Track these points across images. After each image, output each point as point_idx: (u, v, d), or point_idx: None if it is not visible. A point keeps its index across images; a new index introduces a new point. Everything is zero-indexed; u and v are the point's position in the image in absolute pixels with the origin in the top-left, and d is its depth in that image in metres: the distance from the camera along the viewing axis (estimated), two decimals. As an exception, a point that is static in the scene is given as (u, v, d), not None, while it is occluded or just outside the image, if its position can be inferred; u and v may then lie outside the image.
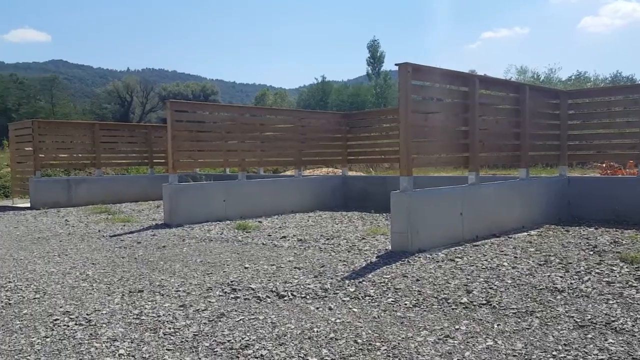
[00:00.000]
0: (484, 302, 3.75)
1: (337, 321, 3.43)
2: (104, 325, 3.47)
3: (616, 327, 3.21)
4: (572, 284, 4.15)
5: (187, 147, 9.02)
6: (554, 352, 2.86)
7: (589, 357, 2.80)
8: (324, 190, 10.41)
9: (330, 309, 3.69)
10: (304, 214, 9.09)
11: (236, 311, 3.69)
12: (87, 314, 3.68)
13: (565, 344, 2.97)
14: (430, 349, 2.96)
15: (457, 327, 3.30)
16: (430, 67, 5.97)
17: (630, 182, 7.87)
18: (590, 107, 8.76)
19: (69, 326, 3.46)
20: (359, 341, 3.09)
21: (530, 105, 7.42)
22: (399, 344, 3.04)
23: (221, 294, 4.11)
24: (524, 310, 3.56)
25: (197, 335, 3.25)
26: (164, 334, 3.28)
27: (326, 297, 3.97)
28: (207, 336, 3.23)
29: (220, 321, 3.49)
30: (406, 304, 3.75)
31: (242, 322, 3.47)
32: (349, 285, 4.24)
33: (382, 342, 3.08)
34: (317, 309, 3.70)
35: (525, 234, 6.52)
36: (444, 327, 3.30)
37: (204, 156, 9.85)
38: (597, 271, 4.53)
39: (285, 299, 3.95)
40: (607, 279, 4.26)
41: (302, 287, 4.23)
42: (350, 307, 3.73)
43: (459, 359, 2.81)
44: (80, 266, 5.24)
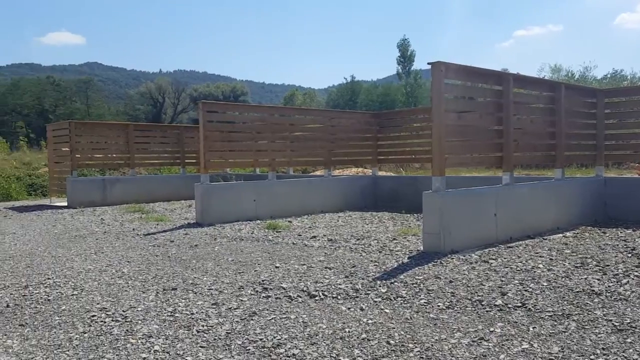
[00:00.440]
0: (519, 304, 3.68)
1: (369, 322, 3.42)
2: (140, 321, 3.53)
3: (658, 332, 3.11)
4: (609, 286, 4.04)
5: (218, 148, 9.11)
6: (592, 357, 2.79)
7: (630, 362, 2.72)
8: (354, 190, 10.39)
9: (361, 309, 3.68)
10: (334, 214, 9.09)
11: (268, 310, 3.71)
12: (123, 311, 3.76)
13: (603, 348, 2.90)
14: (464, 351, 2.92)
15: (491, 329, 3.25)
16: (463, 66, 5.90)
17: (670, 183, 7.62)
18: (627, 106, 8.51)
19: (105, 322, 3.53)
20: (392, 342, 3.07)
21: (565, 104, 7.26)
22: (432, 345, 3.01)
23: (253, 293, 4.14)
24: (560, 313, 3.49)
25: (229, 333, 3.28)
26: (198, 332, 3.32)
27: (357, 297, 3.96)
28: (240, 334, 3.26)
29: (252, 320, 3.51)
30: (439, 306, 3.71)
31: (273, 321, 3.48)
32: (380, 285, 4.22)
33: (415, 343, 3.05)
34: (349, 309, 3.69)
35: (560, 235, 6.38)
36: (478, 329, 3.26)
37: (235, 156, 9.93)
38: (635, 274, 4.39)
39: (316, 298, 3.96)
40: (647, 283, 4.14)
41: (333, 287, 4.23)
42: (382, 307, 3.71)
43: (493, 362, 2.77)
44: (116, 264, 5.36)
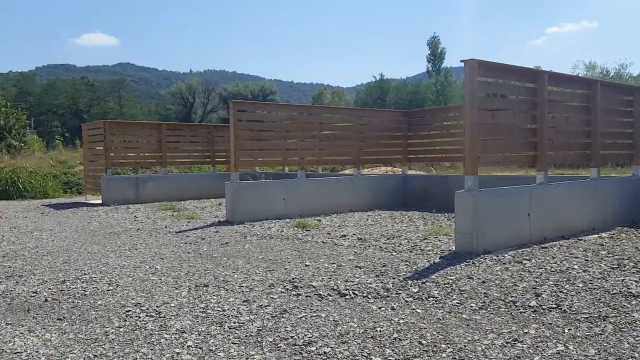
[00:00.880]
0: (554, 305, 3.61)
1: (401, 321, 3.40)
2: (173, 317, 3.59)
3: (701, 337, 3.01)
4: (649, 289, 3.93)
5: (248, 146, 9.19)
6: (632, 361, 2.72)
7: (672, 367, 2.64)
8: (383, 189, 10.34)
9: (392, 309, 3.66)
10: (363, 213, 9.07)
11: (298, 308, 3.72)
12: (157, 306, 3.82)
13: (643, 353, 2.82)
14: (497, 353, 2.88)
15: (525, 330, 3.19)
16: (496, 63, 5.81)
17: None
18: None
19: (140, 317, 3.60)
20: (424, 342, 3.04)
21: (601, 102, 7.08)
22: (465, 346, 2.98)
23: (283, 291, 4.16)
24: (596, 315, 3.41)
25: (261, 330, 3.31)
26: (229, 328, 3.36)
27: (388, 297, 3.94)
28: (271, 332, 3.28)
29: (283, 317, 3.53)
30: (472, 306, 3.67)
31: (304, 319, 3.50)
32: (411, 285, 4.19)
33: (447, 344, 3.02)
34: (380, 308, 3.68)
35: (596, 236, 6.23)
36: (512, 330, 3.21)
37: (264, 155, 9.99)
38: (677, 277, 4.26)
39: (346, 297, 3.95)
40: (689, 286, 4.01)
41: (363, 286, 4.22)
42: (413, 307, 3.69)
43: (528, 364, 2.73)
44: (149, 260, 5.45)
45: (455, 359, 2.82)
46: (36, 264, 5.41)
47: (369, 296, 3.96)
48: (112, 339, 3.22)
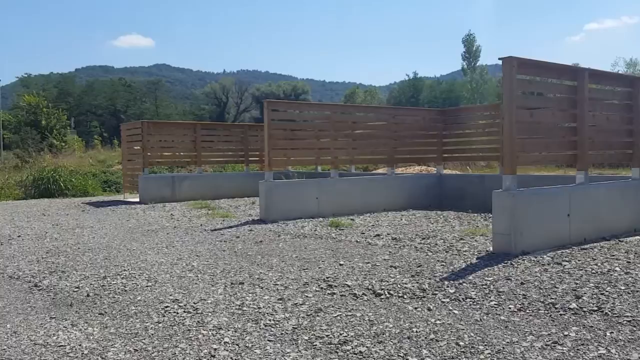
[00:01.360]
0: (595, 308, 3.53)
1: (437, 322, 3.37)
2: (210, 313, 3.64)
3: None
4: (697, 294, 3.79)
5: (281, 146, 9.23)
6: (680, 367, 2.63)
7: None
8: (418, 188, 10.25)
9: (429, 309, 3.63)
10: (397, 212, 9.01)
11: (333, 307, 3.73)
12: (194, 303, 3.88)
13: (692, 359, 2.72)
14: (537, 355, 2.82)
15: (565, 333, 3.12)
16: (536, 61, 5.69)
17: None
18: None
19: (178, 313, 3.67)
20: (461, 344, 3.01)
21: (645, 99, 6.85)
22: (503, 348, 2.93)
23: (318, 290, 4.17)
24: (639, 318, 3.30)
25: (296, 328, 3.33)
26: (265, 325, 3.39)
27: (424, 297, 3.91)
28: (306, 330, 3.29)
29: (318, 316, 3.54)
30: (510, 308, 3.60)
31: (339, 318, 3.50)
32: (448, 286, 4.15)
33: (485, 345, 2.98)
34: (416, 309, 3.65)
35: (638, 237, 6.05)
36: (552, 333, 3.14)
37: (297, 154, 10.02)
38: None
39: (382, 297, 3.94)
40: None
41: (398, 286, 4.19)
42: (450, 308, 3.65)
43: (570, 368, 2.67)
44: (186, 257, 5.55)
45: (493, 361, 2.78)
46: (78, 260, 5.57)
47: (405, 296, 3.94)
48: (152, 334, 3.29)
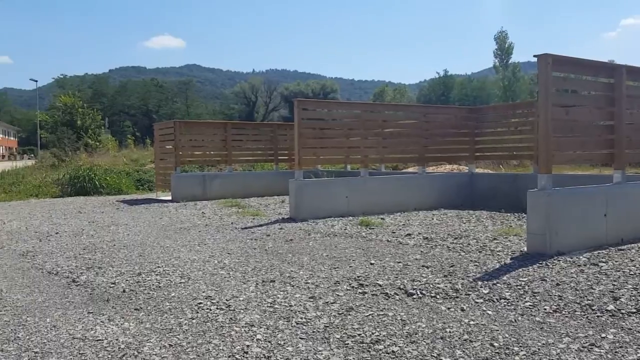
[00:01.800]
0: (634, 310, 3.43)
1: (471, 323, 3.32)
2: (242, 310, 3.67)
3: None
4: None
5: (311, 144, 9.24)
6: None
7: None
8: (449, 187, 10.13)
9: (462, 309, 3.59)
10: (428, 211, 8.92)
11: (364, 306, 3.71)
12: (226, 300, 3.93)
13: None
14: (574, 357, 2.76)
15: (603, 335, 3.05)
16: (571, 58, 5.56)
17: None
18: None
19: (211, 310, 3.71)
20: (495, 344, 2.96)
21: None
22: (539, 349, 2.88)
23: (349, 289, 4.16)
24: (682, 322, 3.21)
25: (327, 326, 3.33)
26: (297, 323, 3.40)
27: (457, 297, 3.86)
28: (338, 328, 3.29)
29: (349, 315, 3.54)
30: (545, 309, 3.53)
31: (371, 317, 3.49)
32: (481, 286, 4.09)
33: (520, 346, 2.93)
34: (449, 309, 3.61)
35: (680, 239, 5.85)
36: (589, 335, 3.07)
37: (326, 153, 10.01)
38: None
39: (414, 297, 3.91)
40: None
41: (431, 286, 4.15)
42: (484, 309, 3.60)
43: (609, 372, 2.60)
44: (217, 255, 5.61)
45: (529, 363, 2.73)
46: (113, 256, 5.69)
47: (437, 296, 3.90)
48: (186, 330, 3.34)
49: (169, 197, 12.72)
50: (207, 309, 3.74)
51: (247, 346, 3.04)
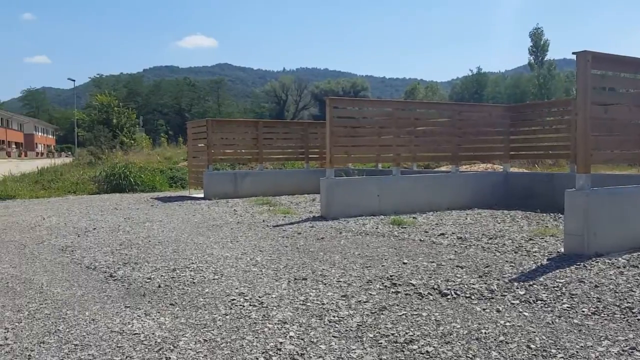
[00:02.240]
0: (676, 314, 3.32)
1: (507, 324, 3.27)
2: (274, 308, 3.70)
3: None
4: None
5: (343, 143, 9.22)
6: None
7: None
8: (483, 187, 9.98)
9: (498, 310, 3.53)
10: (461, 211, 8.81)
11: (397, 306, 3.69)
12: (259, 297, 3.96)
13: None
14: (615, 362, 2.69)
15: (645, 340, 2.96)
16: (611, 55, 5.41)
17: None
18: None
19: (244, 306, 3.75)
20: (532, 346, 2.91)
21: None
22: (577, 352, 2.81)
23: (381, 288, 4.14)
24: None
25: (360, 325, 3.32)
26: (329, 322, 3.40)
27: (493, 298, 3.80)
28: (371, 327, 3.28)
29: (382, 314, 3.52)
30: (584, 311, 3.45)
31: (404, 317, 3.46)
32: (517, 287, 4.02)
33: (558, 349, 2.86)
34: (484, 310, 3.56)
35: None
36: (629, 338, 2.99)
37: (358, 151, 9.97)
38: None
39: (448, 297, 3.86)
40: None
41: (465, 286, 4.10)
42: (520, 310, 3.53)
43: (653, 378, 2.52)
44: (250, 252, 5.66)
45: (568, 366, 2.67)
46: (149, 252, 5.80)
47: (472, 297, 3.85)
48: (220, 326, 3.38)
49: (202, 195, 12.89)
50: (240, 305, 3.78)
51: (280, 343, 3.06)
